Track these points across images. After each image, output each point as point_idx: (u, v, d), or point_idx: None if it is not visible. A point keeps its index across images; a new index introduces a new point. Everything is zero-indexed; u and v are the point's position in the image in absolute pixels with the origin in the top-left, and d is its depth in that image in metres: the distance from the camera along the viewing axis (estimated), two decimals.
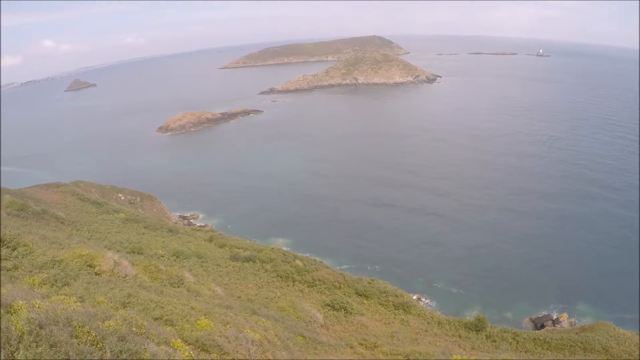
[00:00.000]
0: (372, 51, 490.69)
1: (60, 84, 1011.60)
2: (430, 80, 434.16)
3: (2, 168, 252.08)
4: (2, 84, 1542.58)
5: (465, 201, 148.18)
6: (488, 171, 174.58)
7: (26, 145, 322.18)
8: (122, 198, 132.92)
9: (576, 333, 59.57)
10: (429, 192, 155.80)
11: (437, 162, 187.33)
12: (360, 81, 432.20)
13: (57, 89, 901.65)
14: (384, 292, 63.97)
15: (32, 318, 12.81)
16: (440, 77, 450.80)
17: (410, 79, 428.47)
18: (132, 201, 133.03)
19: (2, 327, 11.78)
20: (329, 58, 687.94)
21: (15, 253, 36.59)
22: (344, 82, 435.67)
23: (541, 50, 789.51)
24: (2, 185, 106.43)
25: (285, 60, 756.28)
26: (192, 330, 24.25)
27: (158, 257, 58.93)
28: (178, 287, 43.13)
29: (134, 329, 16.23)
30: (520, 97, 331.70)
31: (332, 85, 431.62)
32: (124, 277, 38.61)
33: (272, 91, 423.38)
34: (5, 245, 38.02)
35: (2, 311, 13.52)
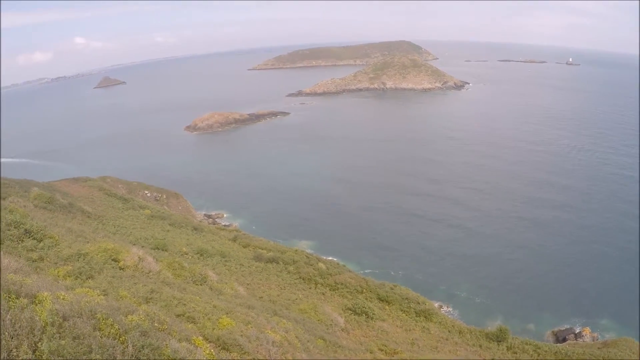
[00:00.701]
0: (401, 56, 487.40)
1: (90, 80, 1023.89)
2: (459, 86, 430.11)
3: (30, 161, 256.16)
4: (33, 79, 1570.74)
5: (489, 210, 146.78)
6: (511, 180, 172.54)
7: (55, 139, 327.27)
8: (148, 195, 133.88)
9: (598, 348, 58.87)
10: (453, 200, 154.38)
11: (461, 170, 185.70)
12: (388, 86, 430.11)
13: (87, 85, 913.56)
14: (406, 298, 63.63)
15: (56, 309, 12.89)
16: (469, 83, 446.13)
17: (438, 85, 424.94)
18: (158, 198, 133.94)
19: (26, 316, 11.87)
20: (358, 62, 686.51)
21: (41, 245, 36.94)
22: (372, 86, 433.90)
23: (570, 59, 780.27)
24: (30, 178, 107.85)
25: (314, 63, 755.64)
26: (213, 329, 24.26)
27: (182, 255, 59.23)
28: (201, 285, 43.27)
29: (156, 324, 16.28)
30: (549, 106, 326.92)
31: (359, 89, 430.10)
32: (148, 273, 38.82)
33: (300, 94, 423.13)
34: (31, 236, 38.43)
35: (26, 301, 13.64)
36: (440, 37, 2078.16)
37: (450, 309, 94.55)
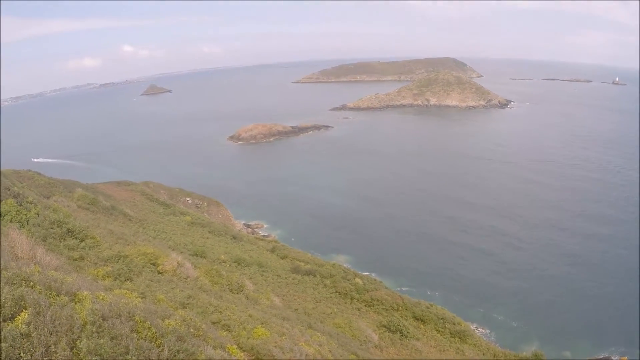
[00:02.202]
0: (445, 73, 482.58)
1: (137, 87, 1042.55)
2: (503, 105, 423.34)
3: (75, 163, 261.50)
4: (82, 84, 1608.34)
5: (530, 231, 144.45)
6: (551, 205, 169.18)
7: (101, 142, 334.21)
8: (190, 201, 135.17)
9: None
10: (493, 224, 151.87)
11: (502, 193, 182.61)
12: (432, 102, 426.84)
13: (134, 92, 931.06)
14: (442, 318, 62.97)
15: (96, 309, 12.99)
16: (513, 102, 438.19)
17: (482, 102, 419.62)
18: (198, 205, 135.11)
19: (66, 314, 11.97)
20: (402, 78, 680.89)
21: (82, 244, 37.46)
22: (416, 102, 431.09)
23: (617, 79, 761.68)
24: (75, 179, 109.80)
25: (358, 78, 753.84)
26: (248, 338, 24.25)
27: (220, 263, 59.52)
28: (237, 293, 43.38)
29: (192, 330, 16.31)
30: (593, 127, 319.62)
31: (403, 105, 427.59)
32: (186, 279, 39.08)
33: (343, 108, 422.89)
34: (73, 236, 39.00)
35: (67, 299, 13.77)
36: (485, 54, 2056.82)
37: (486, 331, 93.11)
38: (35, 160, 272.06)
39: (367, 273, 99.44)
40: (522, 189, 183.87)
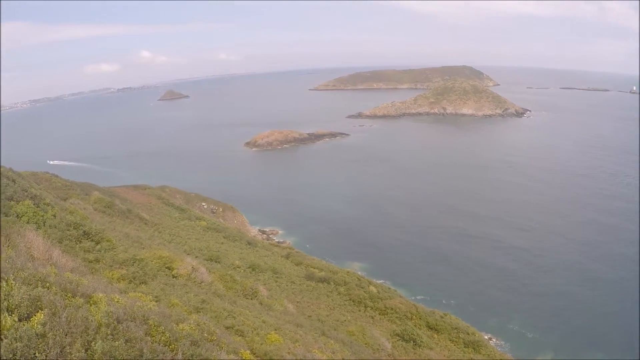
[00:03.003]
0: (462, 81, 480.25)
1: (155, 92, 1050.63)
2: (519, 114, 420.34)
3: (91, 166, 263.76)
4: (99, 88, 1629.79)
5: (546, 241, 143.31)
6: (569, 210, 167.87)
7: (117, 146, 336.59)
8: (205, 206, 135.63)
9: None
10: (509, 233, 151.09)
11: (517, 203, 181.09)
12: (448, 111, 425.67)
13: (151, 97, 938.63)
14: (456, 328, 62.66)
15: (111, 311, 13.02)
16: (530, 111, 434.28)
17: (498, 111, 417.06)
18: (214, 210, 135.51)
19: (81, 315, 12.00)
20: (418, 86, 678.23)
21: (98, 247, 37.68)
22: (432, 110, 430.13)
23: (634, 87, 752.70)
24: (91, 182, 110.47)
25: (375, 85, 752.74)
26: (261, 344, 24.23)
27: (234, 268, 59.58)
28: (251, 299, 43.40)
29: (205, 334, 16.30)
30: (609, 137, 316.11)
31: (419, 114, 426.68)
32: (200, 283, 39.15)
33: (360, 116, 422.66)
34: (89, 238, 39.21)
35: (82, 300, 13.81)
36: (501, 62, 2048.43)
37: (500, 342, 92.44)
38: (51, 162, 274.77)
39: (381, 281, 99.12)
40: (537, 200, 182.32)
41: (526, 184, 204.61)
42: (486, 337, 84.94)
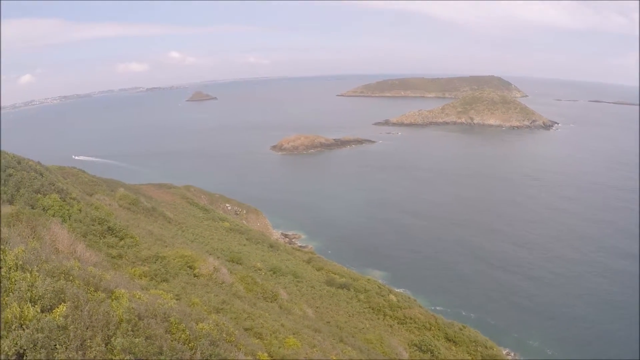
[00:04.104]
0: (490, 91, 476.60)
1: (183, 93, 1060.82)
2: (547, 126, 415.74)
3: (117, 162, 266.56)
4: (129, 87, 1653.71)
5: (570, 259, 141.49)
6: (594, 227, 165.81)
7: (146, 145, 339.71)
8: (229, 208, 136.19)
9: None
10: (530, 247, 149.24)
11: (540, 216, 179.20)
12: (475, 121, 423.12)
13: (180, 97, 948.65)
14: (474, 341, 62.20)
15: (132, 308, 13.07)
16: (558, 123, 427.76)
17: (526, 123, 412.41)
18: (237, 212, 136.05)
19: (103, 310, 12.06)
20: (446, 95, 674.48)
21: (121, 243, 37.98)
22: (459, 120, 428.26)
23: None
24: (117, 178, 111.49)
25: (402, 93, 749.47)
26: (279, 347, 24.21)
27: (256, 270, 59.71)
28: (271, 302, 43.41)
29: (224, 335, 16.28)
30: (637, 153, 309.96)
31: (446, 123, 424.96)
32: (221, 284, 39.25)
33: (386, 123, 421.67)
34: (113, 234, 39.54)
35: (104, 295, 13.89)
36: (530, 73, 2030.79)
37: (519, 357, 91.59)
38: (76, 157, 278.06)
39: (401, 290, 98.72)
40: (560, 215, 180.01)
41: (551, 200, 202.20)
42: (505, 351, 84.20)
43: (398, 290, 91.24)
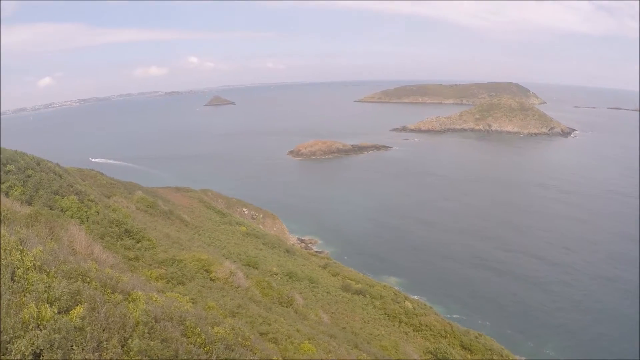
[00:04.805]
0: (508, 98, 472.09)
1: (201, 98, 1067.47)
2: (565, 133, 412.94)
3: (135, 166, 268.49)
4: (147, 91, 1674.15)
5: (585, 265, 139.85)
6: (607, 238, 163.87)
7: (163, 148, 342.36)
8: (246, 212, 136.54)
9: None
10: (547, 257, 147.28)
11: (555, 225, 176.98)
12: (493, 128, 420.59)
13: (198, 102, 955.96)
14: (490, 349, 61.75)
15: (149, 310, 13.07)
16: (576, 131, 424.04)
17: (544, 130, 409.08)
18: (254, 217, 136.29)
19: (120, 312, 12.07)
20: (463, 101, 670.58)
21: (138, 245, 38.16)
22: (477, 127, 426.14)
23: None
24: (134, 181, 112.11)
25: (420, 99, 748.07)
26: (294, 352, 24.14)
27: (272, 275, 59.71)
28: (287, 307, 43.36)
29: (240, 339, 16.24)
30: None
31: (464, 130, 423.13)
32: (237, 288, 39.26)
33: (404, 129, 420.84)
34: (131, 236, 39.70)
35: (121, 297, 13.91)
36: (549, 80, 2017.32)
37: None
38: (93, 160, 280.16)
39: (417, 297, 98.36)
40: (575, 225, 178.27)
41: (566, 209, 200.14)
42: None
43: (414, 297, 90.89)
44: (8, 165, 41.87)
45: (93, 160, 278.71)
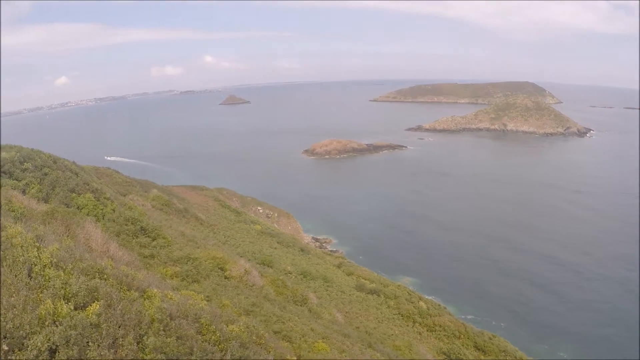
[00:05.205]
0: (524, 98, 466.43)
1: (217, 97, 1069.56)
2: (581, 133, 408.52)
3: (150, 164, 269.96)
4: (163, 90, 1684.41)
5: (601, 267, 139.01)
6: (621, 239, 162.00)
7: (178, 147, 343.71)
8: (261, 211, 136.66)
9: None
10: (565, 257, 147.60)
11: (569, 228, 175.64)
12: (508, 128, 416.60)
13: (213, 101, 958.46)
14: (504, 350, 61.46)
15: (164, 307, 13.14)
16: (592, 131, 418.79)
17: (560, 130, 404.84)
18: (269, 215, 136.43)
19: (135, 309, 12.15)
20: (479, 101, 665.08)
21: (154, 243, 38.34)
22: (492, 127, 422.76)
23: None
24: (150, 179, 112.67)
25: (435, 99, 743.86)
26: (308, 351, 24.16)
27: (286, 274, 59.79)
28: (301, 305, 43.38)
29: (254, 337, 16.27)
30: None
31: (479, 129, 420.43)
32: (252, 286, 39.34)
33: (419, 128, 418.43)
34: (146, 234, 39.92)
35: (137, 294, 13.99)
36: (566, 80, 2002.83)
37: None
38: (108, 158, 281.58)
39: (431, 297, 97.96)
40: (590, 225, 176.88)
41: (582, 212, 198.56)
42: None
43: (428, 297, 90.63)
44: (25, 164, 42.25)
45: (108, 158, 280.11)
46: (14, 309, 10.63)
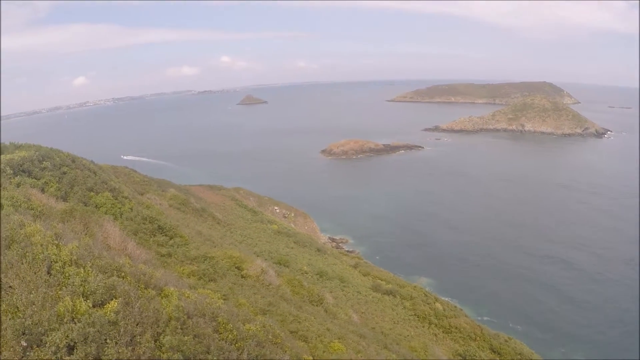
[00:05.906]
0: (541, 98, 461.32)
1: (234, 97, 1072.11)
2: (600, 134, 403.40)
3: (166, 164, 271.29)
4: (180, 90, 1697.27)
5: (618, 269, 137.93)
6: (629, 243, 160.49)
7: (196, 146, 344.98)
8: (277, 211, 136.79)
9: None
10: (584, 261, 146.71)
11: (594, 230, 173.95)
12: (526, 128, 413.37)
13: (230, 101, 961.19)
14: (520, 353, 61.07)
15: (181, 306, 13.19)
16: (610, 131, 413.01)
17: (578, 130, 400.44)
18: (286, 215, 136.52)
19: (153, 307, 12.21)
20: (496, 101, 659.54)
21: (171, 242, 38.53)
22: (510, 127, 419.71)
23: None
24: (167, 179, 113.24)
25: (452, 99, 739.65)
26: (324, 351, 24.16)
27: (302, 273, 59.83)
28: (317, 305, 43.40)
29: (270, 337, 16.30)
30: None
31: (497, 130, 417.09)
32: (268, 286, 39.42)
33: (436, 129, 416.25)
34: (163, 233, 40.13)
35: (154, 293, 14.06)
36: (584, 80, 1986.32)
37: None
38: (125, 157, 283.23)
39: (447, 298, 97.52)
40: (608, 225, 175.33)
41: (601, 214, 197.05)
42: None
43: (444, 298, 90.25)
44: (44, 162, 42.54)
45: (125, 157, 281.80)
46: (33, 306, 10.73)
